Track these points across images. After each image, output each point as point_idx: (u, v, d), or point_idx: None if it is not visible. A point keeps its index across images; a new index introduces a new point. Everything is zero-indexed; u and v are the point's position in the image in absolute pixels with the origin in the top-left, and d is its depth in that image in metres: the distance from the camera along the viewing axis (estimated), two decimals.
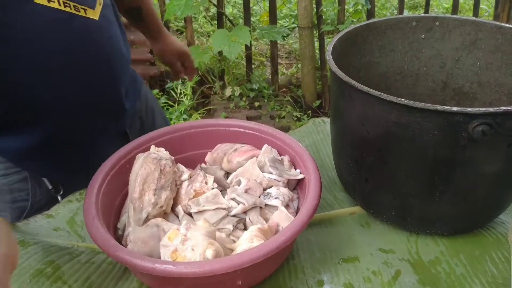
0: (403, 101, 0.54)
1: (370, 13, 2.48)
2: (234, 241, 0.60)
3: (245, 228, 0.65)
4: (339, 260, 0.65)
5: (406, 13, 3.06)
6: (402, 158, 0.60)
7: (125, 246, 0.60)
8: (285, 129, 2.33)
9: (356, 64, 0.78)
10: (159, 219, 0.63)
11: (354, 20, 2.65)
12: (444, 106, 0.52)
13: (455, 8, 2.51)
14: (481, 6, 2.99)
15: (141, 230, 0.61)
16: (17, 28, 0.65)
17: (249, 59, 2.65)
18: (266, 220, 0.65)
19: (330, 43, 0.69)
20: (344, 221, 0.73)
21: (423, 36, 0.79)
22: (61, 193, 0.83)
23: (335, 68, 0.63)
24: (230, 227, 0.63)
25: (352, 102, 0.62)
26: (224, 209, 0.65)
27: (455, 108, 0.52)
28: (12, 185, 0.79)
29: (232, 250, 0.58)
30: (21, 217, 0.80)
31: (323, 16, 2.50)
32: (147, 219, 0.63)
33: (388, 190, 0.65)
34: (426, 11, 2.66)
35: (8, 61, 0.67)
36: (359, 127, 0.63)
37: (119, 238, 0.64)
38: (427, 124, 0.54)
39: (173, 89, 2.62)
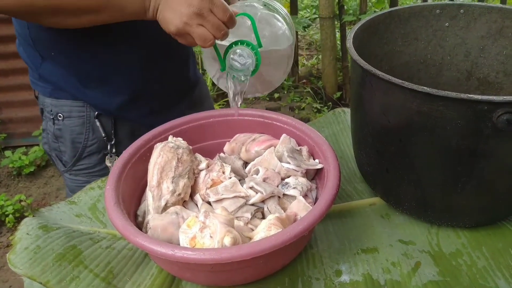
0: (425, 89, 0.53)
1: (393, 3, 2.44)
2: (252, 230, 0.60)
3: (263, 217, 0.65)
4: (357, 250, 0.65)
5: (430, 1, 2.99)
6: (424, 148, 0.59)
7: (145, 232, 0.61)
8: (305, 121, 2.31)
9: (378, 53, 0.77)
10: (178, 207, 0.64)
11: (376, 10, 2.61)
12: (468, 95, 0.51)
13: None
14: None
15: (160, 217, 0.62)
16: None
17: None
18: (284, 209, 0.65)
19: (351, 31, 0.68)
20: (364, 212, 0.73)
21: (447, 24, 0.77)
22: (112, 142, 0.90)
23: (356, 57, 0.62)
24: (248, 215, 0.63)
25: (373, 91, 0.61)
26: (243, 197, 0.65)
27: (478, 97, 0.50)
28: (73, 127, 0.88)
29: (250, 238, 0.58)
30: (75, 156, 0.91)
31: (345, 6, 2.47)
32: (166, 207, 0.64)
33: (409, 181, 0.64)
34: None
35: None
36: (380, 117, 0.62)
37: (139, 224, 0.66)
38: (450, 113, 0.53)
39: None
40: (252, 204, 0.65)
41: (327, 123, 0.96)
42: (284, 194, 0.67)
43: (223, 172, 0.68)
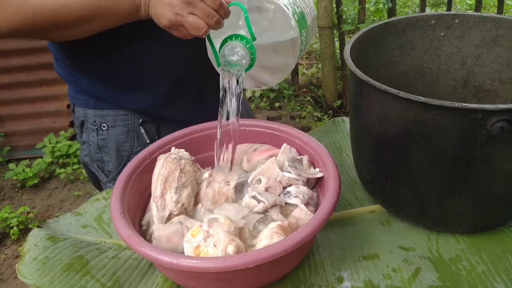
0: (420, 98, 0.54)
1: (391, 12, 2.46)
2: (256, 237, 0.61)
3: (266, 225, 0.66)
4: (359, 257, 0.66)
5: (428, 10, 3.02)
6: (421, 156, 0.61)
7: (150, 242, 0.62)
8: (306, 129, 2.33)
9: (375, 64, 0.79)
10: (182, 217, 0.65)
11: (375, 19, 2.63)
12: (462, 103, 0.52)
13: (478, 4, 2.46)
14: (507, 1, 2.93)
15: (165, 227, 0.63)
16: None
17: None
18: (286, 217, 0.67)
19: (348, 43, 0.70)
20: (364, 219, 0.74)
21: (442, 34, 0.79)
22: None
23: (353, 67, 0.64)
24: (252, 224, 0.64)
25: (370, 100, 0.63)
26: (246, 207, 0.66)
27: (473, 105, 0.52)
28: (118, 136, 0.90)
29: (253, 246, 0.59)
30: (120, 164, 0.93)
31: (344, 16, 2.50)
32: (170, 217, 0.66)
33: (407, 188, 0.65)
34: (449, 9, 2.62)
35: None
36: (378, 126, 0.64)
37: (143, 233, 0.67)
38: (445, 121, 0.55)
39: None
40: (255, 213, 0.66)
41: (327, 132, 0.97)
42: (286, 203, 0.68)
43: (226, 182, 0.70)
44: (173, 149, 0.73)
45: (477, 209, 0.63)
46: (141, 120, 0.90)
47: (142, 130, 0.90)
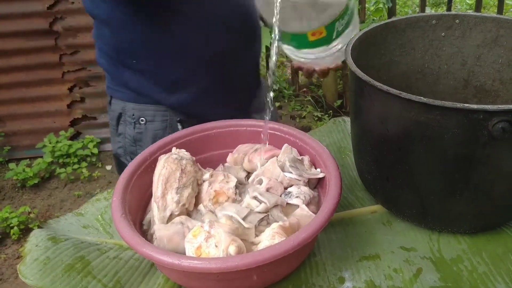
0: (422, 99, 0.54)
1: (391, 11, 2.46)
2: (257, 235, 0.62)
3: (268, 225, 0.66)
4: (360, 257, 0.66)
5: (428, 10, 3.02)
6: (422, 156, 0.61)
7: (151, 242, 0.62)
8: (306, 129, 2.33)
9: (376, 64, 0.79)
10: (183, 217, 0.65)
11: (375, 18, 2.64)
12: (463, 104, 0.52)
13: (478, 4, 2.47)
14: (507, 1, 2.93)
15: (166, 227, 0.63)
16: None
17: None
18: (288, 218, 0.67)
19: (348, 43, 0.70)
20: (366, 219, 0.74)
21: (443, 34, 0.79)
22: None
23: (354, 68, 0.64)
24: (255, 223, 0.64)
25: (371, 101, 0.63)
26: (247, 207, 0.66)
27: (474, 106, 0.52)
28: (156, 131, 0.93)
29: (255, 245, 0.59)
30: None
31: None
32: (171, 217, 0.66)
33: (408, 189, 0.65)
34: (449, 8, 2.62)
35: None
36: (378, 126, 0.64)
37: (144, 233, 0.67)
38: (446, 122, 0.55)
39: None
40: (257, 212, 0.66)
41: (328, 132, 0.97)
42: (287, 203, 0.68)
43: (227, 182, 0.70)
44: (174, 149, 0.73)
45: (479, 210, 0.63)
46: (179, 118, 0.92)
47: (180, 127, 0.93)
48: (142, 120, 0.92)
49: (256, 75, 1.05)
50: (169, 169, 0.67)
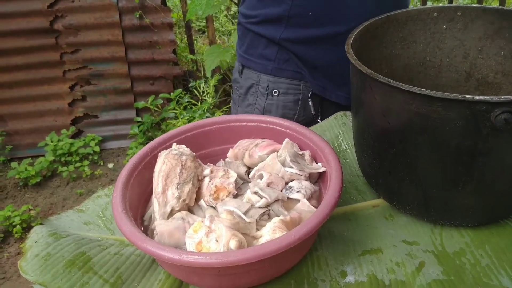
0: (423, 91, 0.54)
1: None
2: (258, 230, 0.61)
3: (269, 219, 0.66)
4: (362, 252, 0.66)
5: (429, 3, 3.00)
6: (424, 149, 0.60)
7: (151, 237, 0.62)
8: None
9: (377, 57, 0.78)
10: (184, 212, 0.65)
11: None
12: (465, 95, 0.52)
13: None
14: None
15: (167, 223, 0.63)
16: None
17: None
18: (289, 212, 0.66)
19: (349, 37, 0.69)
20: (368, 213, 0.74)
21: (445, 26, 0.78)
22: (319, 119, 1.00)
23: (355, 61, 0.63)
24: (255, 218, 0.64)
25: (372, 94, 0.62)
26: (248, 202, 0.66)
27: (476, 97, 0.51)
28: (287, 103, 0.96)
29: (256, 239, 0.59)
30: None
31: None
32: (171, 213, 0.65)
33: (411, 182, 0.65)
34: (450, 1, 2.61)
35: None
36: (380, 119, 0.63)
37: (145, 228, 0.67)
38: (448, 114, 0.54)
39: (196, 88, 2.65)
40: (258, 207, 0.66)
41: (329, 126, 0.96)
42: (288, 198, 0.68)
43: (228, 177, 0.69)
44: (174, 145, 0.72)
45: (481, 202, 0.62)
46: (310, 93, 0.93)
47: (310, 103, 0.94)
48: (275, 92, 0.94)
49: None
50: (169, 165, 0.67)
